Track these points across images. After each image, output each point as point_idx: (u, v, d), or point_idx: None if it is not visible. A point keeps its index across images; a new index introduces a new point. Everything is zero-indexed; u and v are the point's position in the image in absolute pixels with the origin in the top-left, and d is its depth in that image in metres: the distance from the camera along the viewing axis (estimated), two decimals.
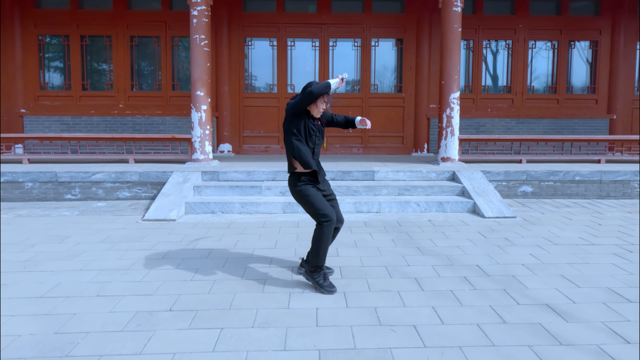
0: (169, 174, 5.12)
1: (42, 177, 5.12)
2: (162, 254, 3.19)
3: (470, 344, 1.95)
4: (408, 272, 2.84)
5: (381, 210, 4.55)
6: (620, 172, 5.31)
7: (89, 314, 2.23)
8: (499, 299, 2.42)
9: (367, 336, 2.02)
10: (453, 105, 5.67)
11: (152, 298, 2.43)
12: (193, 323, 2.14)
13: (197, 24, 5.42)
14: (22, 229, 3.89)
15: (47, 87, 7.29)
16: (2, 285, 2.59)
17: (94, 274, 2.79)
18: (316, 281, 2.53)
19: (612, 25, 7.32)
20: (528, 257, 3.13)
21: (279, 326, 2.11)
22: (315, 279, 2.54)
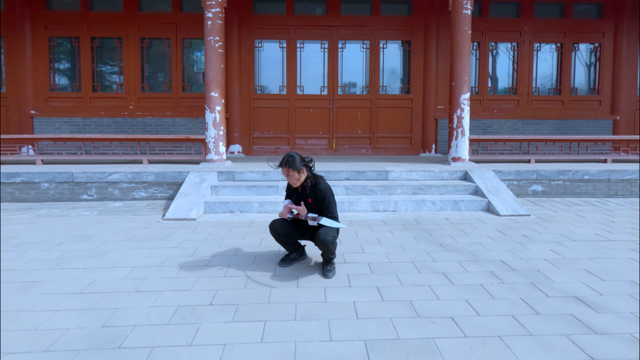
0: (185, 174, 5.16)
1: (59, 177, 5.14)
2: (190, 252, 3.24)
3: (509, 334, 2.02)
4: (435, 268, 2.91)
5: (397, 209, 4.62)
6: (628, 171, 5.43)
7: (131, 309, 2.28)
8: (528, 292, 2.50)
9: (408, 327, 2.08)
10: (464, 106, 5.77)
11: (190, 293, 2.48)
12: (236, 316, 2.19)
13: (211, 26, 5.48)
14: (45, 229, 3.91)
15: (57, 88, 7.30)
16: (39, 282, 2.63)
17: (127, 271, 2.83)
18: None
19: (614, 28, 7.48)
20: (549, 253, 3.22)
21: (321, 319, 2.17)
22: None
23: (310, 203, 2.69)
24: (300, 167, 2.63)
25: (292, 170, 2.63)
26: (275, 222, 2.82)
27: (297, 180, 2.67)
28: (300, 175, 2.66)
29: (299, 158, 2.66)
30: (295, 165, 2.62)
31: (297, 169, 2.63)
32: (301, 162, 2.65)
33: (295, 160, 2.63)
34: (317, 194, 2.69)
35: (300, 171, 2.65)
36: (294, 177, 2.65)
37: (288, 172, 2.65)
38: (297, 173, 2.64)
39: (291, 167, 2.62)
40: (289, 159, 2.63)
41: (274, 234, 2.83)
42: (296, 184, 2.70)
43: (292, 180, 2.67)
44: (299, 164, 2.64)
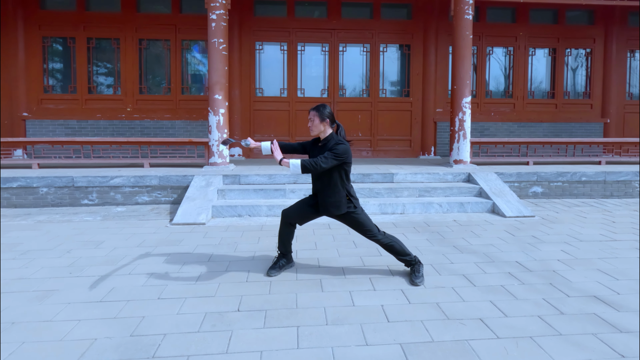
0: (189, 178, 5.09)
1: (58, 182, 5.00)
2: (206, 257, 3.19)
3: (539, 334, 2.06)
4: (454, 269, 2.95)
5: (405, 211, 4.66)
6: (623, 173, 5.62)
7: (158, 317, 2.23)
8: (549, 293, 2.56)
9: (440, 329, 2.10)
10: (465, 109, 5.87)
11: (215, 299, 2.44)
12: (267, 322, 2.17)
13: (215, 28, 5.43)
14: (49, 235, 3.80)
15: (52, 90, 7.11)
16: (55, 291, 2.55)
17: (145, 278, 2.77)
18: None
19: (604, 34, 7.75)
20: (561, 254, 3.30)
21: (353, 323, 2.17)
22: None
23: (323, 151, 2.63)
24: (324, 117, 2.63)
25: (316, 114, 2.63)
26: (291, 207, 2.82)
27: (315, 127, 2.64)
28: (320, 126, 2.64)
29: (329, 111, 2.67)
30: (320, 112, 2.63)
31: (320, 116, 2.63)
32: (329, 115, 2.66)
33: (325, 110, 2.64)
34: (332, 143, 2.59)
35: (323, 121, 2.63)
36: (313, 123, 2.64)
37: (313, 115, 2.64)
38: (318, 120, 2.63)
39: (317, 112, 2.63)
40: (321, 105, 2.66)
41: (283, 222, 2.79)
42: (313, 132, 2.67)
43: (311, 126, 2.67)
44: (326, 114, 2.64)
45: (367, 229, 2.72)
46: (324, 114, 2.64)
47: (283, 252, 2.89)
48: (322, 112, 2.64)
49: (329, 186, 2.65)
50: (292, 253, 2.94)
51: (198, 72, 7.39)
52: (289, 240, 2.88)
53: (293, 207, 2.82)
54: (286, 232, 2.84)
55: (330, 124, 2.68)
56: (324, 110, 2.65)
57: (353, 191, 2.77)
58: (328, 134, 2.69)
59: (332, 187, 2.64)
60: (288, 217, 2.80)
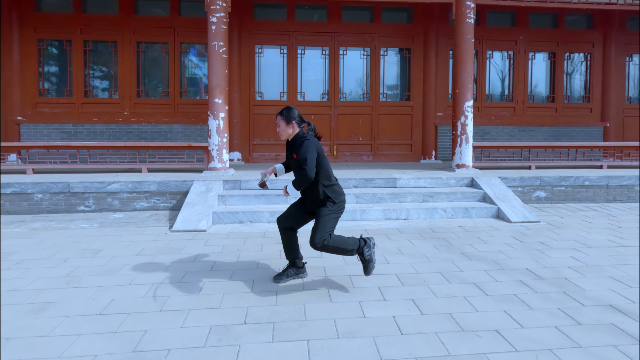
0: (189, 184, 4.99)
1: (54, 187, 4.87)
2: (208, 266, 3.10)
3: (559, 346, 1.99)
4: (464, 277, 2.88)
5: (409, 217, 4.60)
6: (625, 177, 5.60)
7: (161, 330, 2.13)
8: (563, 302, 2.49)
9: (456, 342, 2.02)
10: (467, 113, 5.84)
11: (219, 311, 2.35)
12: (275, 336, 2.08)
13: (215, 31, 5.36)
14: (45, 243, 3.68)
15: (47, 93, 6.98)
16: (52, 304, 2.44)
17: (146, 289, 2.66)
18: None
19: (603, 38, 7.79)
20: (571, 260, 3.24)
21: (365, 336, 2.09)
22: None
23: (295, 159, 2.56)
24: (290, 120, 2.58)
25: (281, 119, 2.60)
26: (284, 212, 2.77)
27: (283, 132, 2.61)
28: (287, 128, 2.59)
29: (295, 113, 2.60)
30: (284, 116, 2.59)
31: (285, 119, 2.59)
32: (295, 117, 2.59)
33: (290, 112, 2.59)
34: (297, 148, 2.53)
35: (289, 124, 2.58)
36: (280, 127, 2.61)
37: (278, 120, 2.61)
38: (284, 123, 2.59)
39: (281, 116, 2.59)
40: (285, 109, 2.61)
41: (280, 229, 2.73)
42: (282, 136, 2.65)
43: (279, 131, 2.64)
44: (291, 116, 2.57)
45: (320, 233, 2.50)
46: (289, 117, 2.59)
47: (292, 261, 2.80)
48: (286, 115, 2.60)
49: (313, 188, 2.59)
50: (301, 260, 2.83)
51: (196, 75, 7.31)
52: (293, 247, 2.77)
53: (285, 211, 2.77)
54: (286, 238, 2.75)
55: (298, 125, 2.63)
56: (288, 113, 2.60)
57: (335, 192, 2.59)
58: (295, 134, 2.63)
59: (313, 188, 2.58)
60: (281, 221, 2.73)
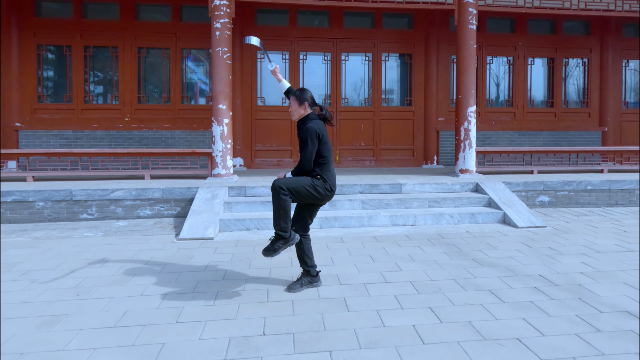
0: (194, 191, 4.94)
1: (56, 195, 4.79)
2: (220, 275, 3.05)
3: (582, 355, 1.98)
4: (479, 285, 2.87)
5: (417, 222, 4.59)
6: (627, 182, 5.66)
7: (179, 343, 2.09)
8: (580, 308, 2.49)
9: (479, 352, 2.01)
10: (470, 118, 5.87)
11: (237, 322, 2.31)
12: (297, 347, 2.05)
13: (219, 37, 5.35)
14: (50, 253, 3.60)
15: (46, 99, 6.90)
16: (64, 316, 2.38)
17: (158, 300, 2.62)
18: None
19: (600, 44, 7.91)
20: (582, 266, 3.25)
21: (387, 346, 2.06)
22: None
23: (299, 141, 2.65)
24: (302, 101, 2.60)
25: (294, 98, 2.62)
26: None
27: (295, 112, 2.63)
28: (299, 109, 2.61)
29: (308, 94, 2.62)
30: (298, 96, 2.61)
31: (298, 99, 2.60)
32: (308, 98, 2.61)
33: (303, 93, 2.60)
34: (301, 132, 2.57)
35: (301, 105, 2.59)
36: (292, 107, 2.63)
37: (292, 99, 2.62)
38: (296, 104, 2.61)
39: (295, 96, 2.60)
40: (299, 89, 2.63)
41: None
42: (293, 116, 2.66)
43: (291, 110, 2.66)
44: (304, 97, 2.59)
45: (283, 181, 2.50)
46: (302, 98, 2.61)
47: (306, 269, 2.77)
48: (299, 96, 2.62)
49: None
50: (315, 269, 2.80)
51: (197, 81, 7.28)
52: (308, 255, 2.75)
53: (293, 219, 2.71)
54: (301, 247, 2.74)
55: (310, 107, 2.64)
56: (301, 94, 2.62)
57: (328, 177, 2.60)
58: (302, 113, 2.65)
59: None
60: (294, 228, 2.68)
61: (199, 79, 7.25)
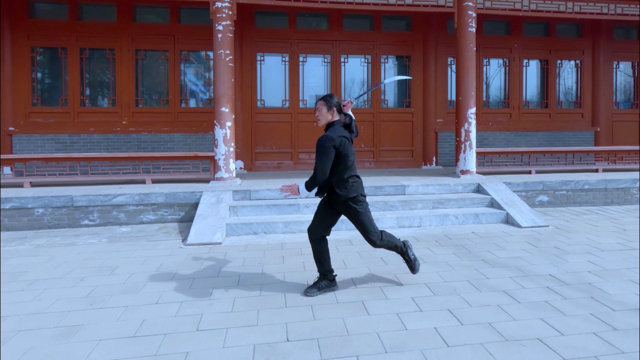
0: (198, 195, 4.89)
1: (56, 201, 4.69)
2: (234, 281, 3.03)
3: (603, 353, 2.03)
4: (492, 285, 2.91)
5: (422, 224, 4.63)
6: (622, 181, 5.81)
7: (203, 352, 2.07)
8: (594, 307, 2.55)
9: (504, 353, 2.04)
10: (470, 119, 5.95)
11: (259, 329, 2.30)
12: (323, 353, 2.05)
13: (222, 39, 5.31)
14: (55, 261, 3.53)
15: (41, 103, 6.75)
16: (81, 327, 2.34)
17: (176, 307, 2.58)
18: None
19: (592, 46, 8.11)
20: (589, 265, 3.32)
21: (412, 349, 2.08)
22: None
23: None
24: (331, 106, 2.60)
25: (323, 104, 2.61)
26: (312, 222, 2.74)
27: (323, 117, 2.61)
28: (328, 115, 2.61)
29: (336, 100, 2.63)
30: (327, 101, 2.60)
31: (327, 104, 2.60)
32: (336, 104, 2.62)
33: (332, 99, 2.61)
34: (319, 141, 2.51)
35: (329, 110, 2.60)
36: (321, 112, 2.61)
37: (320, 104, 2.61)
38: (325, 109, 2.60)
39: (324, 101, 2.60)
40: (328, 95, 2.64)
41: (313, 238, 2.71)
42: (320, 122, 2.64)
43: (318, 115, 2.62)
44: (334, 103, 2.60)
45: (371, 230, 2.66)
46: (331, 103, 2.61)
47: (323, 273, 2.78)
48: (329, 101, 2.62)
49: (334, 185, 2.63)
50: (332, 273, 2.81)
51: (197, 83, 7.21)
52: (325, 258, 2.76)
53: (315, 220, 2.73)
54: (319, 249, 2.75)
55: (338, 114, 2.65)
56: (331, 99, 2.63)
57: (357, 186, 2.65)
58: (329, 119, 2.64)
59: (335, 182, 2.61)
60: (315, 232, 2.70)
61: (197, 81, 7.19)
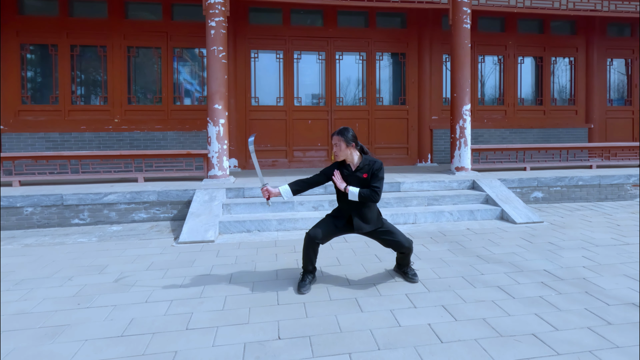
0: (190, 193, 4.83)
1: (45, 200, 4.61)
2: (226, 279, 2.98)
3: (597, 347, 2.01)
4: (487, 281, 2.89)
5: (417, 220, 4.61)
6: (616, 177, 5.82)
7: (192, 350, 2.02)
8: (589, 302, 2.53)
9: (498, 348, 2.01)
10: (465, 116, 5.94)
11: (250, 327, 2.25)
12: (315, 350, 2.01)
13: (214, 35, 5.25)
14: (43, 261, 3.46)
15: (30, 101, 6.64)
16: (67, 327, 2.28)
17: (165, 306, 2.53)
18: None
19: (586, 43, 8.13)
20: (583, 260, 3.31)
21: (406, 346, 2.04)
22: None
23: (365, 178, 2.70)
24: (349, 142, 2.67)
25: (342, 139, 2.66)
26: (319, 227, 2.74)
27: (342, 153, 2.68)
28: (347, 150, 2.67)
29: (352, 134, 2.69)
30: (345, 137, 2.66)
31: (346, 140, 2.66)
32: (353, 138, 2.69)
33: (349, 133, 2.67)
34: (375, 167, 2.70)
35: (348, 146, 2.67)
36: (340, 149, 2.67)
37: (337, 140, 2.66)
38: (344, 145, 2.66)
39: (342, 137, 2.65)
40: (344, 129, 2.69)
41: (312, 243, 2.69)
42: (339, 157, 2.70)
43: (337, 151, 2.69)
44: (350, 138, 2.67)
45: (403, 237, 2.77)
46: (349, 138, 2.68)
47: (310, 270, 2.78)
48: (346, 136, 2.67)
49: (365, 205, 2.72)
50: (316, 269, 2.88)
51: (190, 81, 7.14)
52: (315, 258, 2.81)
53: (321, 229, 2.73)
54: (312, 252, 2.76)
55: (355, 147, 2.72)
56: (347, 134, 2.68)
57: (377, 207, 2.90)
58: (357, 158, 2.73)
59: (368, 205, 2.73)
60: (317, 238, 2.70)
61: (191, 79, 7.11)
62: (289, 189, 2.75)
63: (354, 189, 2.64)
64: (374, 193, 2.64)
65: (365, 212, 2.72)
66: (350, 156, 2.70)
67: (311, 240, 2.69)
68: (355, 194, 2.63)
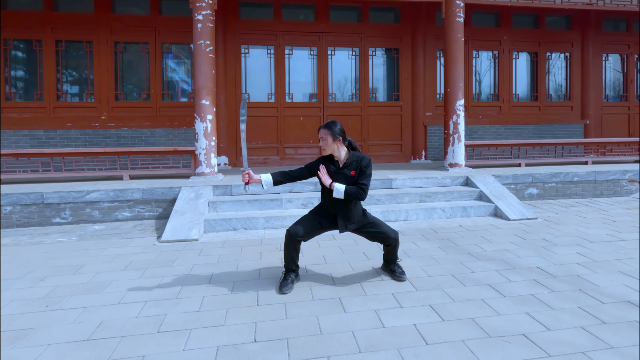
0: (176, 190, 4.70)
1: (25, 199, 4.47)
2: (206, 278, 2.86)
3: (591, 348, 1.90)
4: (478, 279, 2.77)
5: (409, 217, 4.49)
6: (611, 172, 5.73)
7: (161, 355, 1.90)
8: (582, 300, 2.42)
9: (486, 350, 1.90)
10: (459, 112, 5.83)
11: (225, 329, 2.13)
12: (292, 354, 1.89)
13: (202, 29, 5.11)
14: (17, 260, 3.32)
15: (14, 97, 6.48)
16: (31, 330, 2.15)
17: (138, 307, 2.40)
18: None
19: (581, 38, 8.04)
20: (577, 257, 3.21)
21: (388, 348, 1.93)
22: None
23: (352, 176, 2.58)
24: (336, 136, 2.55)
25: (328, 133, 2.54)
26: (300, 224, 2.61)
27: (329, 147, 2.56)
28: (334, 145, 2.56)
29: (340, 127, 2.58)
30: (332, 130, 2.55)
31: (332, 134, 2.54)
32: (340, 132, 2.57)
33: (336, 127, 2.56)
34: (363, 163, 2.59)
35: (335, 140, 2.55)
36: (326, 143, 2.55)
37: (324, 133, 2.55)
38: (330, 138, 2.54)
39: (329, 130, 2.54)
40: (331, 122, 2.58)
41: (292, 240, 2.57)
42: (326, 151, 2.59)
43: (323, 145, 2.57)
44: (337, 132, 2.55)
45: (389, 228, 2.71)
46: (336, 132, 2.55)
47: (292, 268, 2.65)
48: (333, 129, 2.55)
49: (350, 202, 2.61)
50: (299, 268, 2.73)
51: (178, 78, 6.99)
52: (297, 256, 2.68)
53: (302, 226, 2.61)
54: (294, 249, 2.63)
55: (343, 141, 2.59)
56: (334, 127, 2.56)
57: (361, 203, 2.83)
58: (344, 153, 2.62)
59: (354, 202, 2.63)
60: (297, 235, 2.58)
61: (180, 75, 6.97)
62: (270, 178, 2.62)
63: (340, 186, 2.52)
64: (361, 191, 2.53)
65: (350, 209, 2.61)
66: (337, 151, 2.59)
67: (292, 237, 2.57)
68: (341, 192, 2.51)
